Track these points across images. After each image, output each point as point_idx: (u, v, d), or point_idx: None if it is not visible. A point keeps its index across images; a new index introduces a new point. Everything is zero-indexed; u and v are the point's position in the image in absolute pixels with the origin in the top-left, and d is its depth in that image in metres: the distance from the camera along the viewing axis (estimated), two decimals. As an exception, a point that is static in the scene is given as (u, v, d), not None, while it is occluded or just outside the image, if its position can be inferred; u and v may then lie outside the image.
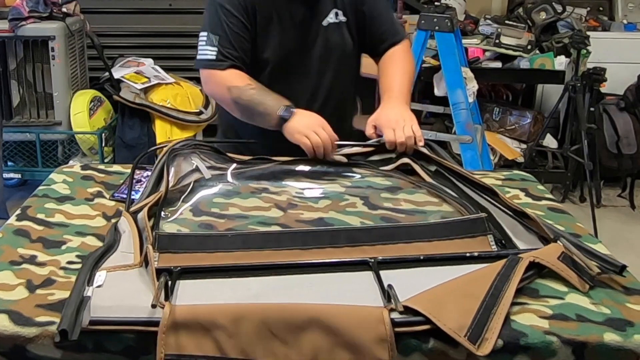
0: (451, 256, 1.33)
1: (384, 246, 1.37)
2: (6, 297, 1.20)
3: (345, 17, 1.99)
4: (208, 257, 1.33)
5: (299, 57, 1.97)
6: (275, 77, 1.95)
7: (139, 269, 1.26)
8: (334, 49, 1.99)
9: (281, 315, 1.10)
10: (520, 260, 1.25)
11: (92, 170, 1.83)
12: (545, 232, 1.39)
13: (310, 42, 1.97)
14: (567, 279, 1.26)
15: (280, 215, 1.56)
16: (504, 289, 1.17)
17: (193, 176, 1.72)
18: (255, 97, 1.84)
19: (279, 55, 1.95)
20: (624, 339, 1.12)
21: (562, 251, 1.30)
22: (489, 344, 1.08)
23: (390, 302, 1.13)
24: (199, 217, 1.54)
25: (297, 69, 1.98)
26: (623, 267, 1.29)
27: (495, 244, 1.40)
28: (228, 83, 1.88)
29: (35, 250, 1.38)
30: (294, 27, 1.94)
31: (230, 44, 1.89)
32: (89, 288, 1.18)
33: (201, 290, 1.20)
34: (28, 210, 1.56)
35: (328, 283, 1.24)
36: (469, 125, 3.54)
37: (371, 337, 1.08)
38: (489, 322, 1.11)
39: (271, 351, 1.09)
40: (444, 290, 1.18)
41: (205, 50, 1.91)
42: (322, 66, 2.00)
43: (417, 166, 1.79)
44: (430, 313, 1.11)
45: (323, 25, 1.97)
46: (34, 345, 1.11)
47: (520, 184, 1.81)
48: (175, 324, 1.09)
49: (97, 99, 3.95)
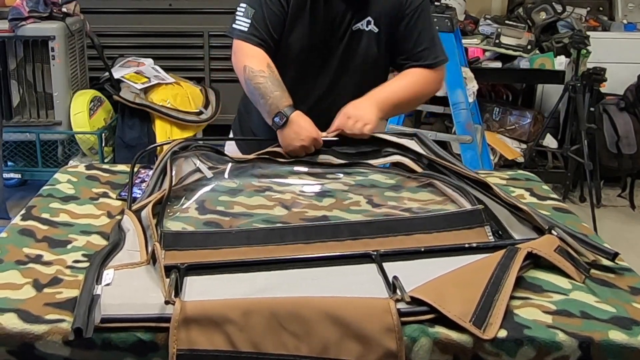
0: (451, 247, 1.38)
1: (385, 239, 1.41)
2: (14, 296, 1.20)
3: (377, 27, 1.97)
4: (213, 253, 1.34)
5: (321, 52, 1.98)
6: (293, 65, 1.97)
7: (146, 267, 1.27)
8: (355, 54, 1.98)
9: (290, 309, 1.12)
10: (518, 250, 1.30)
11: (97, 170, 1.83)
12: (539, 223, 1.43)
13: (335, 42, 1.97)
14: (564, 270, 1.30)
15: (284, 214, 1.57)
16: (504, 278, 1.22)
17: (194, 176, 1.72)
18: (261, 87, 1.85)
19: (303, 46, 1.96)
20: (629, 337, 1.13)
21: (558, 244, 1.35)
22: (493, 328, 1.12)
23: (395, 293, 1.16)
24: (204, 215, 1.55)
25: (316, 63, 1.99)
26: (615, 255, 1.35)
27: (493, 234, 1.44)
28: (246, 61, 1.89)
29: (40, 250, 1.38)
30: (324, 22, 1.94)
31: (263, 21, 1.91)
32: (97, 286, 1.18)
33: (208, 287, 1.21)
34: (33, 210, 1.56)
35: (332, 276, 1.27)
36: (469, 125, 3.54)
37: (379, 328, 1.10)
38: (492, 308, 1.15)
39: (282, 343, 1.10)
40: (446, 280, 1.22)
41: (240, 21, 1.93)
42: (341, 68, 2.00)
43: (408, 160, 1.81)
44: (435, 302, 1.14)
45: (352, 29, 1.96)
46: (43, 342, 1.11)
47: (525, 183, 1.82)
48: (186, 319, 1.10)
49: (97, 99, 3.95)
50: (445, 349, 1.12)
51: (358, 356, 1.09)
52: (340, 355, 1.09)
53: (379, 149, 1.87)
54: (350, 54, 1.98)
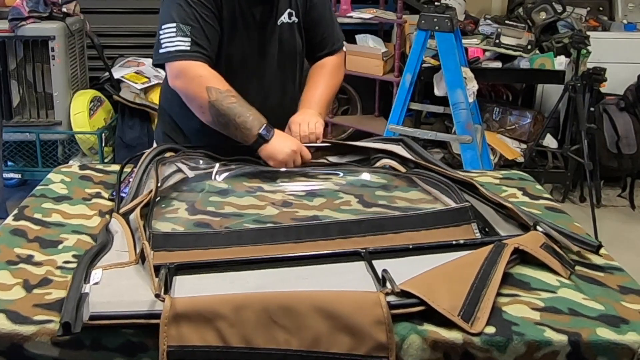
0: (438, 244, 1.39)
1: (374, 237, 1.42)
2: (3, 296, 1.20)
3: (297, 18, 2.00)
4: (203, 253, 1.35)
5: (258, 56, 1.97)
6: (234, 74, 1.89)
7: (135, 267, 1.27)
8: (286, 48, 2.00)
9: (281, 303, 1.12)
10: (505, 246, 1.31)
11: (90, 170, 1.84)
12: (524, 220, 1.46)
13: (267, 42, 1.97)
14: (550, 266, 1.31)
15: (275, 214, 1.57)
16: (492, 273, 1.24)
17: (176, 177, 1.72)
18: (236, 108, 1.78)
19: (241, 54, 1.94)
20: (618, 335, 1.13)
21: (543, 240, 1.37)
22: (481, 322, 1.14)
23: (385, 286, 1.18)
24: (194, 215, 1.55)
25: (254, 68, 1.98)
26: (599, 247, 1.41)
27: (479, 231, 1.46)
28: (208, 83, 1.78)
29: (32, 250, 1.38)
30: (255, 26, 1.94)
31: (203, 35, 1.82)
32: (86, 285, 1.18)
33: (197, 286, 1.21)
34: (25, 210, 1.57)
35: (322, 274, 1.27)
36: (469, 125, 3.54)
37: (369, 320, 1.11)
38: (480, 302, 1.17)
39: (273, 338, 1.11)
40: (435, 275, 1.23)
41: (175, 41, 1.81)
42: (276, 66, 2.01)
43: (396, 163, 1.83)
44: (424, 295, 1.15)
45: (278, 24, 1.97)
46: (32, 343, 1.12)
47: (518, 183, 1.82)
48: (176, 315, 1.10)
49: (97, 99, 3.96)
50: (436, 347, 1.12)
51: (349, 349, 1.10)
52: (331, 348, 1.10)
53: (367, 156, 1.90)
54: (281, 49, 1.99)
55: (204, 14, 1.83)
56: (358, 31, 4.45)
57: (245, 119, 1.77)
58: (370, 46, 4.29)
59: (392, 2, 4.67)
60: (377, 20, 4.32)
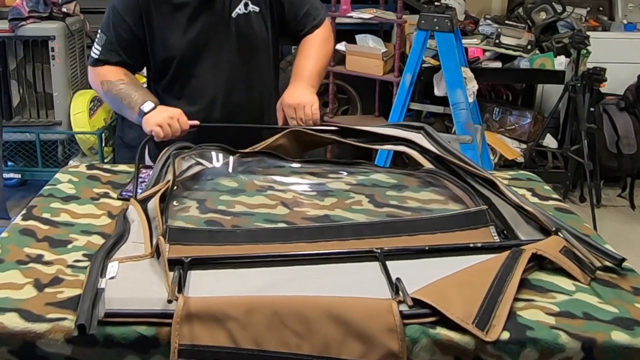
0: (455, 247, 1.37)
1: (388, 239, 1.40)
2: (15, 296, 1.20)
3: (257, 6, 1.98)
4: (217, 249, 1.35)
5: (207, 51, 1.97)
6: (184, 72, 1.98)
7: (150, 260, 1.27)
8: (245, 40, 1.99)
9: (293, 307, 1.12)
10: (523, 252, 1.28)
11: (98, 170, 1.83)
12: (546, 224, 1.42)
13: (218, 36, 1.96)
14: (569, 272, 1.29)
15: (286, 213, 1.57)
16: (508, 279, 1.21)
17: (195, 168, 1.73)
18: (122, 91, 1.90)
19: (185, 51, 1.95)
20: (632, 338, 1.12)
21: (563, 245, 1.33)
22: (496, 330, 1.11)
23: (398, 294, 1.16)
24: (205, 214, 1.55)
25: (207, 62, 1.98)
26: (622, 260, 1.33)
27: (497, 235, 1.43)
28: (102, 77, 1.95)
29: (41, 250, 1.38)
30: (199, 21, 1.93)
31: (114, 47, 1.95)
32: (102, 280, 1.19)
33: (211, 283, 1.22)
34: (33, 210, 1.56)
35: (335, 274, 1.27)
36: (469, 125, 3.54)
37: (381, 328, 1.10)
38: (495, 310, 1.14)
39: (283, 341, 1.10)
40: (449, 282, 1.21)
41: (95, 49, 1.98)
42: (236, 58, 1.99)
43: (415, 152, 1.80)
44: (437, 304, 1.14)
45: (232, 17, 1.95)
46: (44, 341, 1.11)
47: (526, 183, 1.81)
48: (189, 315, 1.11)
49: (97, 99, 3.95)
50: (446, 350, 1.12)
51: (359, 356, 1.09)
52: (342, 354, 1.10)
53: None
54: (239, 41, 1.98)
55: (120, 27, 1.93)
56: (358, 31, 4.44)
57: (130, 100, 1.88)
58: (370, 46, 4.28)
59: (392, 2, 4.66)
60: (377, 20, 4.31)
